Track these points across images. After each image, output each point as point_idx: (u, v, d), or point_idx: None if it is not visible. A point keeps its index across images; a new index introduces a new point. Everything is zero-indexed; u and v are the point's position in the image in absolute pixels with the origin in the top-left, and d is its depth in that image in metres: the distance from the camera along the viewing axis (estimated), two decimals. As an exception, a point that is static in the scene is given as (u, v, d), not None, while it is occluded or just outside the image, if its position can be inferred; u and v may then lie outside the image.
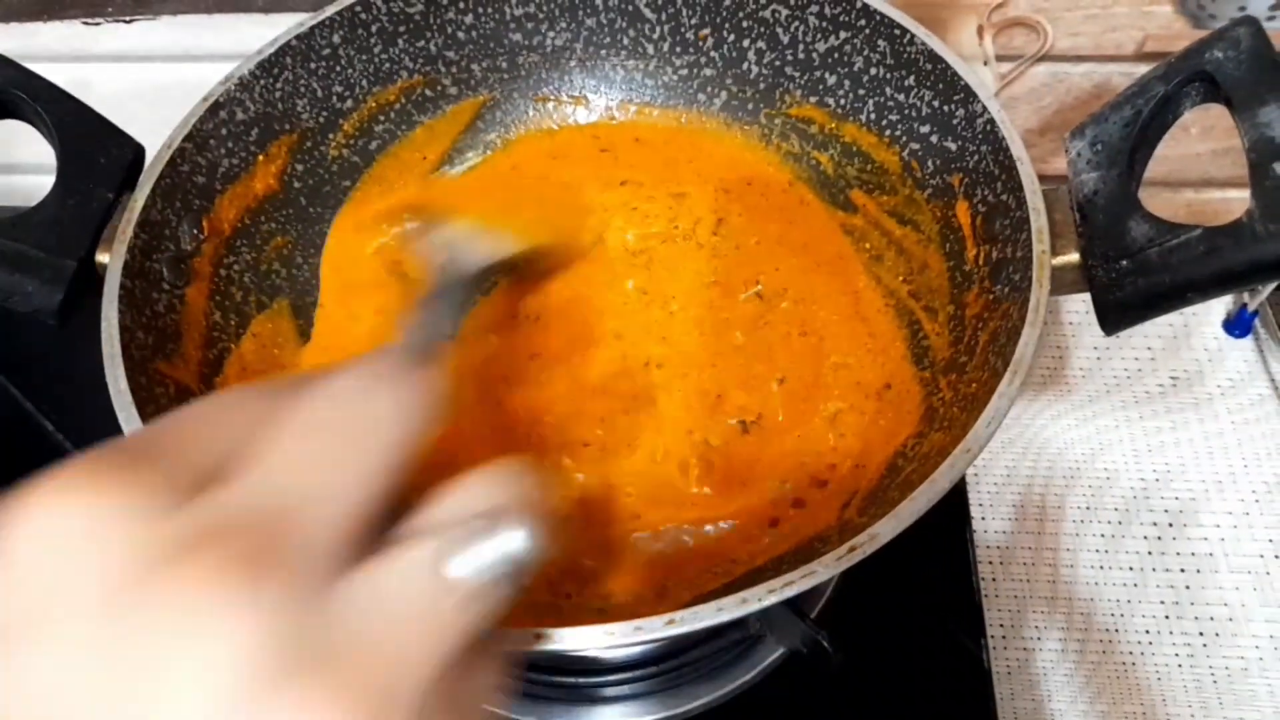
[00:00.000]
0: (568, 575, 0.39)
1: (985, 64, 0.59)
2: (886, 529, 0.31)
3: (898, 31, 0.44)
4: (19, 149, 0.43)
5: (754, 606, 0.29)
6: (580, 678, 0.48)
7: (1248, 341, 0.61)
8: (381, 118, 0.51)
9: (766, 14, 0.49)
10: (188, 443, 0.22)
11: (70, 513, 0.20)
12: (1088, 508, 0.56)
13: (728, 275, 0.47)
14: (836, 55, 0.48)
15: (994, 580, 0.54)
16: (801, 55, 0.49)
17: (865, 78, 0.47)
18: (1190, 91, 0.36)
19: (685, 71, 0.52)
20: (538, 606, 0.38)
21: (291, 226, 0.49)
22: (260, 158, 0.47)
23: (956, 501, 0.55)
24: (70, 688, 0.19)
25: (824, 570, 0.30)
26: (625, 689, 0.47)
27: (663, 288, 0.47)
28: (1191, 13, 0.56)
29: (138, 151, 0.43)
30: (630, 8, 0.51)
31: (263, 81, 0.46)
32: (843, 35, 0.47)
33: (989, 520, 0.56)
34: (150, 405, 0.37)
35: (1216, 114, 0.35)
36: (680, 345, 0.45)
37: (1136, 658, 0.52)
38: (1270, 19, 0.54)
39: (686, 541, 0.40)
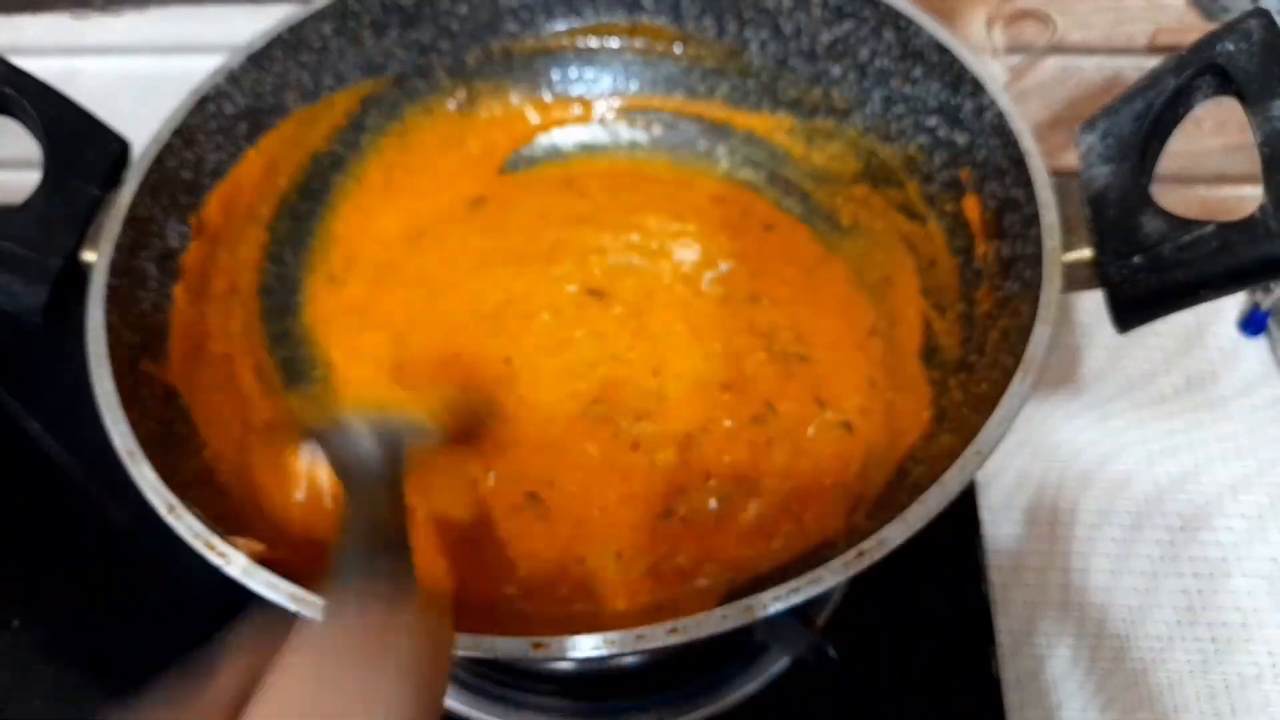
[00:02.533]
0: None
1: (994, 56, 0.58)
2: (895, 534, 0.30)
3: (904, 22, 0.44)
4: (4, 145, 0.42)
5: (759, 614, 0.29)
6: (582, 687, 0.48)
7: (1261, 341, 0.61)
8: (373, 110, 0.51)
9: (769, 3, 0.48)
10: None
11: None
12: (1100, 512, 0.55)
13: (730, 278, 0.47)
14: (841, 46, 0.47)
15: (1004, 587, 0.53)
16: (806, 46, 0.48)
17: (871, 69, 0.46)
18: (1202, 84, 0.36)
19: (686, 62, 0.52)
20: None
21: (280, 223, 0.48)
22: (249, 152, 0.46)
23: (966, 506, 0.54)
24: None
25: (831, 576, 0.30)
26: (627, 700, 0.47)
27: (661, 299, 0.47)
28: (1203, 5, 0.56)
29: (124, 147, 0.42)
30: (629, -3, 0.50)
31: (252, 75, 0.46)
32: (847, 25, 0.46)
33: (999, 525, 0.55)
34: (136, 406, 0.36)
35: (1229, 109, 0.35)
36: (683, 348, 0.45)
37: (1149, 665, 0.51)
38: (1283, 11, 0.54)
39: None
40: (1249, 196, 0.61)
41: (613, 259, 0.48)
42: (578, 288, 0.47)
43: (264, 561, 0.31)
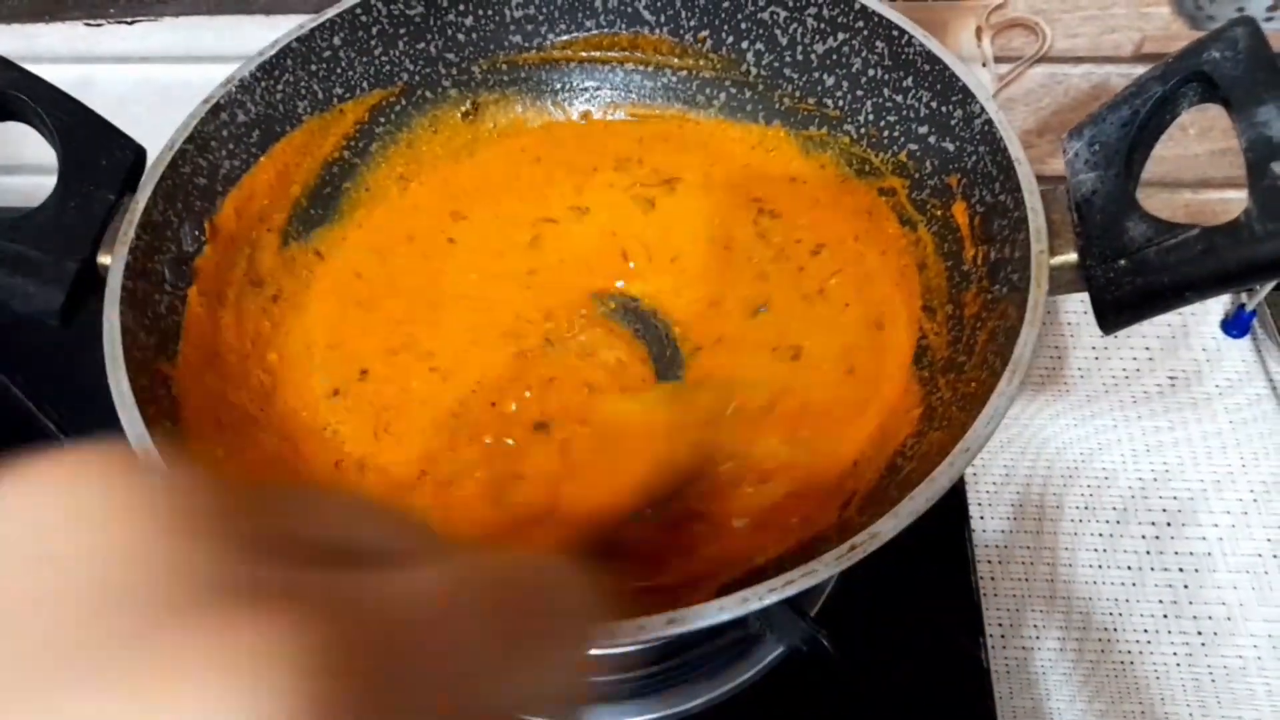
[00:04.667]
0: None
1: (984, 65, 0.59)
2: (886, 528, 0.31)
3: (896, 33, 0.44)
4: (20, 150, 0.43)
5: (755, 605, 0.30)
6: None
7: (1246, 341, 0.61)
8: (382, 119, 0.51)
9: (765, 16, 0.49)
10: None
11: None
12: (1086, 507, 0.56)
13: (728, 275, 0.48)
14: (835, 57, 0.48)
15: (993, 579, 0.54)
16: (800, 57, 0.49)
17: (863, 79, 0.47)
18: (1188, 92, 0.36)
19: (684, 73, 0.52)
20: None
21: (293, 228, 0.49)
22: (262, 159, 0.47)
23: (955, 501, 0.55)
24: None
25: (824, 569, 0.30)
26: (625, 687, 0.47)
27: (664, 297, 0.48)
28: (1189, 13, 0.56)
29: (139, 153, 0.43)
30: (630, 10, 0.51)
31: (264, 83, 0.46)
32: (841, 37, 0.47)
33: (987, 519, 0.56)
34: (152, 406, 0.37)
35: (1214, 115, 0.35)
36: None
37: (1135, 657, 0.52)
38: (1267, 19, 0.54)
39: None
40: (1233, 201, 0.62)
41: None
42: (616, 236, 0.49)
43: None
